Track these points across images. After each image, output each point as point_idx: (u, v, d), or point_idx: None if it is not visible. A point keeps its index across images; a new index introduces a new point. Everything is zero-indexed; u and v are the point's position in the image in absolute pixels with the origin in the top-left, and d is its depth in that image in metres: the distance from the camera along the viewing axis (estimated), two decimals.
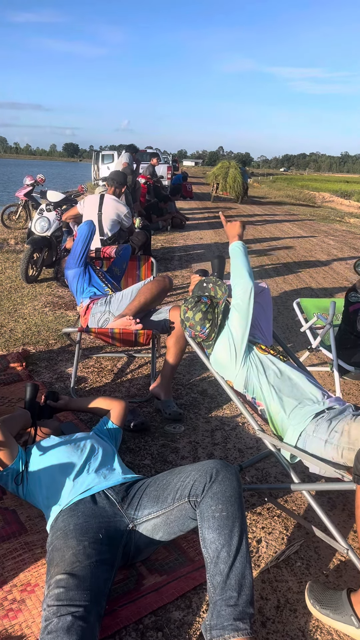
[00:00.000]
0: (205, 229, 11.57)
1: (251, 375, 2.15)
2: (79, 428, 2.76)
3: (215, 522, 1.60)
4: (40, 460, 2.12)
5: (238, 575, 1.54)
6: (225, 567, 1.54)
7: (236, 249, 2.39)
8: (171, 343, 3.14)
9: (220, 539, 1.58)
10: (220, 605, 1.50)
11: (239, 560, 1.56)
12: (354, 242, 10.99)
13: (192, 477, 1.72)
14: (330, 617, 1.72)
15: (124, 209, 5.01)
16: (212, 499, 1.64)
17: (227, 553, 1.56)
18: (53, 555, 1.68)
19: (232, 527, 1.60)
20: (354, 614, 1.67)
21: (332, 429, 1.94)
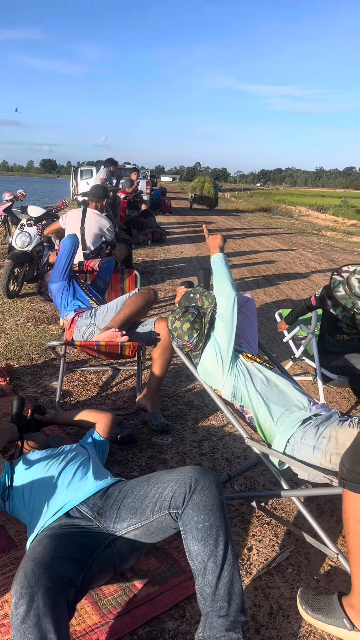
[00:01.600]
0: (186, 243, 11.66)
1: (239, 383, 2.18)
2: (65, 442, 2.75)
3: (199, 534, 1.57)
4: (24, 475, 2.10)
5: (227, 584, 1.52)
6: (213, 578, 1.52)
7: (218, 261, 2.43)
8: (157, 355, 3.15)
9: (206, 550, 1.55)
10: (211, 617, 1.48)
11: (227, 569, 1.54)
12: (332, 255, 11.18)
13: (171, 488, 1.67)
14: (323, 621, 1.73)
15: (106, 222, 5.04)
16: (193, 510, 1.60)
17: (213, 563, 1.53)
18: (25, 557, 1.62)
19: (217, 537, 1.57)
20: (346, 617, 1.69)
21: (319, 435, 1.97)
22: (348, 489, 1.67)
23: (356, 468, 1.65)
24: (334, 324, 3.24)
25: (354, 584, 1.69)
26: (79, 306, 3.45)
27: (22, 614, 1.36)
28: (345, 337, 3.23)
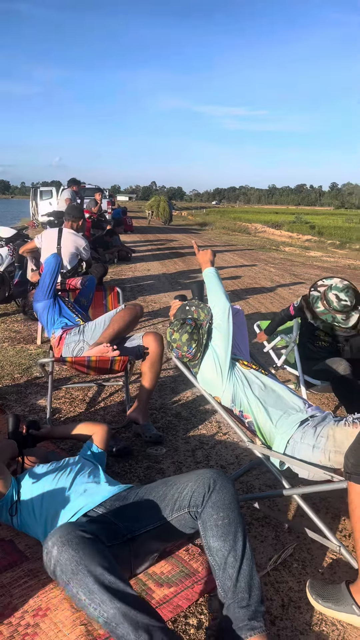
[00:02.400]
0: (151, 261, 11.81)
1: (237, 389, 2.29)
2: (61, 457, 2.78)
3: (219, 530, 1.68)
4: (32, 488, 2.13)
5: (247, 577, 1.63)
6: (233, 572, 1.63)
7: (210, 275, 2.56)
8: (146, 368, 3.23)
9: (226, 545, 1.66)
10: (233, 608, 1.58)
11: (246, 563, 1.65)
12: (293, 269, 11.55)
13: (190, 488, 1.77)
14: (333, 609, 1.84)
15: (83, 242, 5.11)
16: (212, 508, 1.71)
17: (234, 558, 1.64)
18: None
19: (236, 533, 1.68)
20: (355, 603, 1.80)
21: (318, 434, 2.10)
22: (354, 482, 1.80)
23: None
24: (312, 332, 3.41)
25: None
26: (65, 323, 3.50)
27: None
28: (324, 343, 3.41)
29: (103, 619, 1.43)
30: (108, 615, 1.42)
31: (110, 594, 1.43)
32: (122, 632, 1.41)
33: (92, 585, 1.44)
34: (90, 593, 1.44)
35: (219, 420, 3.46)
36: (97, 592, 1.44)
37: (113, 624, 1.41)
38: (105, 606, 1.42)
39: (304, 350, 3.48)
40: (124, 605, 1.42)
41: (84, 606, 1.46)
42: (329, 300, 3.28)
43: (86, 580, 1.45)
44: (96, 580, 1.45)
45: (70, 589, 1.48)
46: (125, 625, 1.40)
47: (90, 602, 1.44)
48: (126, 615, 1.41)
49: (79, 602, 1.47)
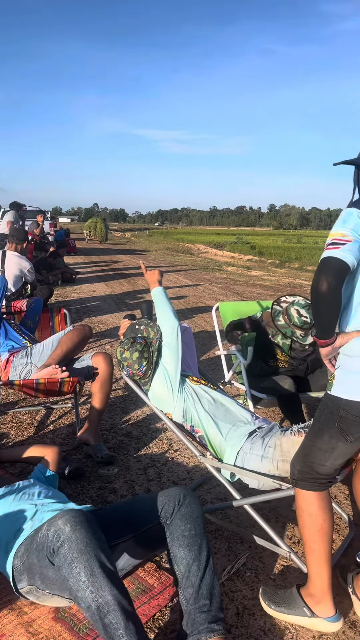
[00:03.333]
0: (96, 282, 11.78)
1: (188, 404, 2.36)
2: (11, 481, 2.73)
3: (185, 540, 1.76)
4: None
5: (208, 586, 1.70)
6: (196, 580, 1.70)
7: (158, 294, 2.63)
8: (96, 389, 3.24)
9: (191, 554, 1.73)
10: (194, 613, 1.64)
11: (208, 573, 1.73)
12: (236, 288, 11.84)
13: (161, 502, 1.86)
14: (286, 613, 1.91)
15: (27, 264, 5.08)
16: (181, 520, 1.80)
17: (197, 567, 1.72)
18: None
19: (201, 544, 1.77)
20: (306, 606, 1.88)
21: (266, 444, 2.19)
22: (300, 488, 1.89)
23: (305, 469, 1.88)
24: (268, 350, 3.53)
25: (311, 573, 1.89)
26: (12, 346, 3.46)
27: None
28: (278, 363, 3.54)
29: (96, 604, 1.46)
30: (103, 600, 1.46)
31: (109, 581, 1.49)
32: (111, 619, 1.45)
33: (96, 569, 1.49)
34: (92, 575, 1.48)
35: (170, 437, 3.50)
36: (98, 576, 1.48)
37: (105, 610, 1.46)
38: (102, 591, 1.46)
39: (256, 367, 3.57)
40: (119, 594, 1.48)
41: (80, 588, 1.49)
42: (290, 315, 3.42)
43: (91, 563, 1.50)
44: (100, 564, 1.50)
45: (72, 567, 1.51)
46: (118, 613, 1.45)
47: (89, 585, 1.47)
48: (120, 604, 1.47)
49: (77, 583, 1.49)
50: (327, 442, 1.82)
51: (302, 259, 23.29)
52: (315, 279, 1.69)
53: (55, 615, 1.88)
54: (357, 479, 2.12)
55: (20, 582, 1.79)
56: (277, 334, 3.48)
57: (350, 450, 1.85)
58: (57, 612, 1.89)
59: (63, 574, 1.53)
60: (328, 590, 1.86)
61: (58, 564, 1.55)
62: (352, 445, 1.82)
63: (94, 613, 1.48)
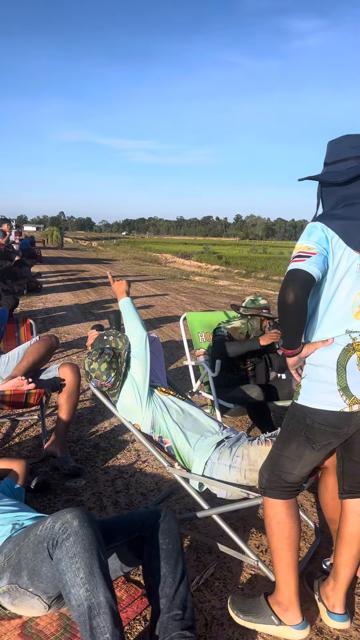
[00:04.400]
0: (63, 292, 11.68)
1: (156, 415, 2.36)
2: None
3: (163, 553, 1.78)
4: None
5: (182, 598, 1.73)
6: (170, 591, 1.72)
7: (126, 305, 2.63)
8: (63, 400, 3.21)
9: (167, 567, 1.76)
10: (167, 622, 1.66)
11: (183, 587, 1.75)
12: (203, 298, 11.92)
13: (142, 517, 1.88)
14: (254, 622, 1.92)
15: None
16: (161, 534, 1.83)
17: (172, 579, 1.74)
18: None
19: (177, 559, 1.80)
20: (273, 614, 1.90)
21: (233, 454, 2.21)
22: (268, 496, 1.92)
23: (273, 477, 1.91)
24: (231, 361, 3.59)
25: (278, 581, 1.91)
26: None
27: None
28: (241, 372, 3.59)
29: (88, 603, 1.47)
30: (97, 601, 1.48)
31: (105, 583, 1.51)
32: (100, 622, 1.46)
33: (96, 569, 1.51)
34: (91, 574, 1.50)
35: (138, 448, 3.49)
36: (96, 576, 1.50)
37: (96, 611, 1.47)
38: (97, 592, 1.48)
39: (222, 379, 3.62)
40: (112, 598, 1.51)
41: (76, 584, 1.50)
42: (246, 305, 3.64)
43: (92, 562, 1.52)
44: (100, 565, 1.52)
45: (73, 562, 1.52)
46: (107, 617, 1.47)
47: (86, 582, 1.49)
48: (112, 608, 1.49)
49: (74, 578, 1.50)
50: (294, 451, 1.86)
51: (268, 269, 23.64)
52: (282, 291, 1.73)
53: (22, 631, 1.85)
54: (323, 487, 2.16)
55: (0, 580, 1.76)
56: (237, 321, 3.75)
57: (317, 459, 1.88)
58: (23, 628, 1.86)
59: (61, 567, 1.54)
60: (295, 598, 1.88)
61: (59, 556, 1.55)
62: (318, 454, 1.86)
63: (83, 612, 1.48)
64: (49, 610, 1.80)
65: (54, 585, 1.64)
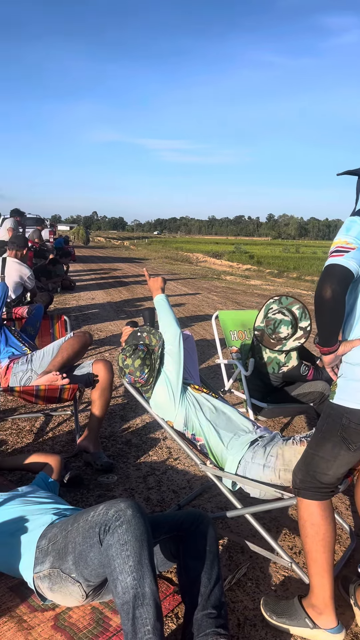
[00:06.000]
0: (95, 290, 11.79)
1: (189, 413, 2.35)
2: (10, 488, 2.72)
3: (199, 554, 1.79)
4: None
5: (217, 599, 1.73)
6: (206, 590, 1.72)
7: (161, 301, 2.62)
8: (96, 396, 3.23)
9: (203, 567, 1.76)
10: (201, 619, 1.66)
11: (217, 588, 1.75)
12: (235, 297, 11.85)
13: (181, 517, 1.90)
14: (287, 624, 1.89)
15: (27, 271, 5.08)
16: (198, 536, 1.83)
17: (207, 580, 1.74)
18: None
19: (213, 561, 1.80)
20: (308, 617, 1.87)
21: (267, 454, 2.19)
22: (302, 497, 1.88)
23: (307, 478, 1.87)
24: (263, 370, 3.52)
25: (313, 584, 1.87)
26: (12, 353, 3.45)
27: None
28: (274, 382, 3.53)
29: (134, 592, 1.48)
30: (141, 591, 1.49)
31: (152, 575, 1.53)
32: (143, 612, 1.47)
33: (144, 559, 1.53)
34: (139, 563, 1.51)
35: (170, 446, 3.49)
36: (144, 566, 1.52)
37: (140, 601, 1.48)
38: (144, 582, 1.50)
39: (263, 381, 3.54)
40: (156, 592, 1.52)
41: (123, 571, 1.51)
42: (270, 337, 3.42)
43: (142, 551, 1.54)
44: (148, 556, 1.54)
45: (124, 549, 1.54)
46: (151, 608, 1.48)
47: (134, 571, 1.50)
48: (156, 601, 1.50)
49: (123, 565, 1.52)
50: (329, 451, 1.82)
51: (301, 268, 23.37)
52: (319, 286, 1.70)
53: (55, 623, 1.86)
54: (359, 489, 2.11)
55: (42, 564, 1.79)
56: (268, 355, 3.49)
57: (352, 459, 1.84)
58: (56, 620, 1.88)
59: (111, 553, 1.55)
60: (330, 602, 1.85)
61: (110, 542, 1.57)
62: (354, 454, 1.81)
63: (128, 600, 1.49)
64: (85, 600, 1.82)
65: (98, 573, 1.66)
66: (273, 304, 3.45)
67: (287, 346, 3.33)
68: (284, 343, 3.33)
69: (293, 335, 3.32)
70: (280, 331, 3.29)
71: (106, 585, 1.84)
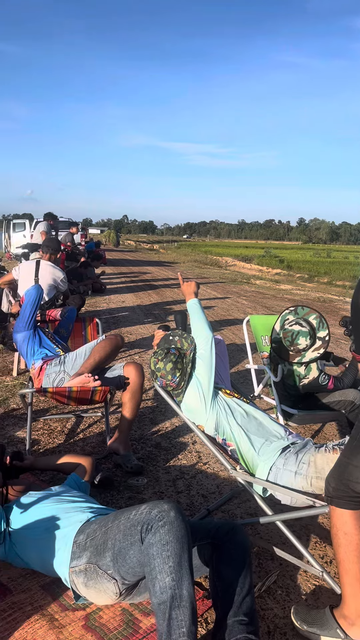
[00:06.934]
0: (125, 293, 11.89)
1: (221, 417, 2.35)
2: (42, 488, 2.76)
3: (232, 563, 1.80)
4: (23, 517, 2.13)
5: (248, 607, 1.73)
6: (238, 598, 1.73)
7: (194, 306, 2.63)
8: (127, 398, 3.26)
9: (236, 575, 1.77)
10: (233, 625, 1.66)
11: (249, 598, 1.76)
12: (265, 301, 11.78)
13: (216, 525, 1.91)
14: (318, 634, 1.87)
15: (60, 274, 5.16)
16: (232, 545, 1.84)
17: (240, 588, 1.75)
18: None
19: (246, 572, 1.80)
20: (339, 627, 1.84)
21: (299, 460, 2.17)
22: (335, 506, 1.86)
23: (340, 486, 1.85)
24: (286, 381, 3.49)
25: (345, 594, 1.85)
26: (46, 354, 3.51)
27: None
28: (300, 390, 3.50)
29: (172, 592, 1.49)
30: (179, 593, 1.50)
31: (190, 578, 1.54)
32: (179, 614, 1.48)
33: (184, 561, 1.54)
34: (179, 565, 1.53)
35: (199, 450, 3.49)
36: (183, 569, 1.53)
37: (177, 602, 1.49)
38: (182, 584, 1.51)
39: (285, 386, 3.52)
40: (193, 595, 1.53)
41: (163, 570, 1.53)
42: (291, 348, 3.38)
43: (182, 553, 1.56)
44: (188, 559, 1.56)
45: (164, 550, 1.56)
46: (187, 611, 1.49)
47: (173, 572, 1.52)
48: (192, 604, 1.51)
49: (162, 565, 1.54)
50: None
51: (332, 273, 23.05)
52: (355, 294, 1.68)
53: (86, 623, 1.89)
54: None
55: (79, 559, 1.83)
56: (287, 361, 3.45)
57: None
58: (87, 620, 1.90)
59: (152, 552, 1.57)
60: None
61: (151, 541, 1.59)
62: None
63: (165, 601, 1.51)
64: (118, 598, 1.83)
65: (135, 571, 1.68)
66: (289, 315, 3.42)
67: (307, 357, 3.31)
68: (303, 354, 3.31)
69: (312, 345, 3.30)
70: (298, 342, 3.27)
71: (138, 586, 1.86)
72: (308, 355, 3.31)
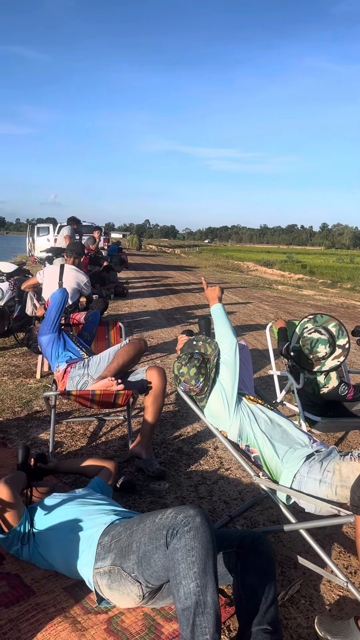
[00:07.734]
0: (147, 297, 11.93)
1: (244, 424, 2.34)
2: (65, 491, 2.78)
3: (257, 572, 1.79)
4: (47, 519, 2.14)
5: (272, 617, 1.72)
6: (262, 607, 1.72)
7: (218, 311, 2.63)
8: (149, 402, 3.27)
9: (260, 585, 1.76)
10: (256, 634, 1.66)
11: (273, 608, 1.74)
12: (287, 307, 11.71)
13: (242, 534, 1.90)
14: None
15: (84, 278, 5.20)
16: (256, 554, 1.83)
17: (264, 598, 1.73)
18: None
19: (270, 583, 1.79)
20: None
21: (324, 469, 2.14)
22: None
23: None
24: (308, 387, 3.46)
25: None
26: (70, 357, 3.54)
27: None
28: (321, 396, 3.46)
29: (196, 599, 1.49)
30: (203, 599, 1.50)
31: (215, 585, 1.54)
32: (203, 621, 1.47)
33: (209, 568, 1.54)
34: (204, 572, 1.52)
35: (221, 455, 3.48)
36: (208, 575, 1.53)
37: (201, 609, 1.49)
38: (206, 590, 1.50)
39: (308, 392, 3.49)
40: (217, 602, 1.53)
41: (187, 576, 1.53)
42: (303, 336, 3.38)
43: (207, 560, 1.55)
44: (213, 566, 1.56)
45: (189, 555, 1.56)
46: (211, 618, 1.48)
47: (197, 578, 1.51)
48: (216, 611, 1.50)
49: (187, 570, 1.54)
50: None
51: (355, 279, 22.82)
52: None
53: (108, 627, 1.89)
54: None
55: (103, 560, 1.83)
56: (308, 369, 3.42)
57: None
58: (109, 624, 1.90)
59: (177, 557, 1.57)
60: None
61: (176, 546, 1.59)
62: None
63: (189, 607, 1.50)
64: (141, 602, 1.84)
65: (159, 575, 1.68)
66: (308, 323, 3.40)
67: (326, 366, 3.28)
68: (323, 363, 3.28)
69: (331, 354, 3.26)
70: (318, 351, 3.25)
71: (162, 590, 1.86)
72: (328, 364, 3.28)
